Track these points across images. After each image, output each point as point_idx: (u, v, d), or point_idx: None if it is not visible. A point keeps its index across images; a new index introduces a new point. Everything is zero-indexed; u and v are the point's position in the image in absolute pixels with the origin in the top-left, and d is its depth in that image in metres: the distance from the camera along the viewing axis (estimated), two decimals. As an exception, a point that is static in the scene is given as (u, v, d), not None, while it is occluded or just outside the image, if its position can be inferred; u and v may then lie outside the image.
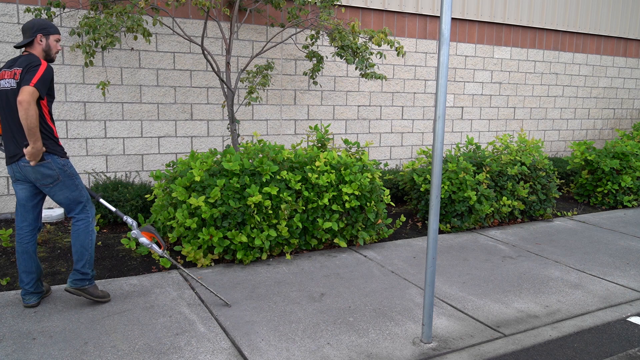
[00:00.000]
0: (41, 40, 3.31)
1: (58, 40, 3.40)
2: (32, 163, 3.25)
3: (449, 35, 2.90)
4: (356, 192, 4.71)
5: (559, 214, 6.65)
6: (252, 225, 4.39)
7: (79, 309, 3.49)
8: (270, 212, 4.42)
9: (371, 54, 5.55)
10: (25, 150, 3.21)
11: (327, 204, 4.68)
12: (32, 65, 3.18)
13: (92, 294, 3.53)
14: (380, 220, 5.07)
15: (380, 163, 7.33)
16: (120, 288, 3.86)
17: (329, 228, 4.81)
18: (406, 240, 5.30)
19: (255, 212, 4.31)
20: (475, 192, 5.58)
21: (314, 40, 5.84)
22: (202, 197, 4.17)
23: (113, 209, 3.73)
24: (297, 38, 6.58)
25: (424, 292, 3.20)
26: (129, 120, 5.89)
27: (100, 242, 4.87)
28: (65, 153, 3.45)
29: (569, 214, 6.69)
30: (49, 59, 3.38)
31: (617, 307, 3.87)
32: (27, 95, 3.05)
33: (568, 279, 4.38)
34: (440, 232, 5.68)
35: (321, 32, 5.86)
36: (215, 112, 6.35)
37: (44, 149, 3.27)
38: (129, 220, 3.71)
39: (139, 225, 3.98)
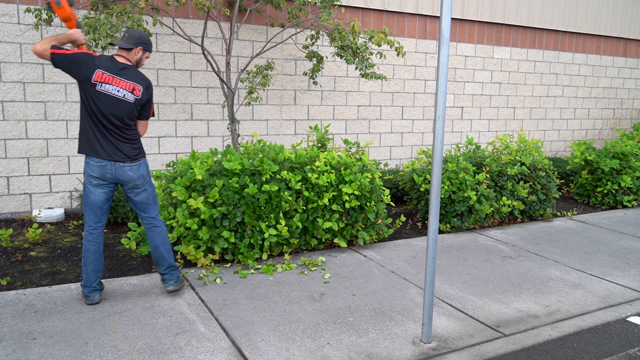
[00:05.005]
0: (138, 53, 3.52)
1: (147, 57, 3.63)
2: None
3: (448, 35, 2.90)
4: (356, 192, 4.71)
5: (558, 214, 6.65)
6: (252, 225, 4.39)
7: (79, 309, 3.49)
8: (270, 213, 4.42)
9: (371, 54, 5.55)
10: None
11: (327, 204, 4.68)
12: (150, 89, 3.54)
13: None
14: (380, 220, 5.07)
15: (380, 163, 7.34)
16: (120, 288, 3.86)
17: (329, 228, 4.81)
18: (406, 240, 5.30)
19: (254, 210, 4.31)
20: (475, 192, 5.58)
21: (314, 40, 5.84)
22: (202, 198, 4.16)
23: None
24: (297, 38, 6.58)
25: (424, 292, 3.20)
26: (129, 120, 5.89)
27: (100, 242, 4.87)
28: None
29: (568, 214, 6.69)
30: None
31: (617, 307, 3.87)
32: (147, 127, 3.69)
33: (568, 279, 4.38)
34: (440, 232, 5.68)
35: (321, 32, 5.86)
36: (215, 112, 6.35)
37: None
38: None
39: None
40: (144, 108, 3.54)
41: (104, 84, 3.35)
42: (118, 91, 3.39)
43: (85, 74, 3.33)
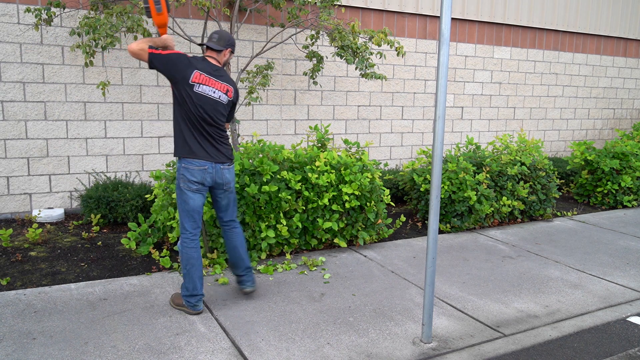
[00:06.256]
0: (227, 54, 3.56)
1: (231, 59, 3.69)
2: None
3: (449, 35, 2.90)
4: (356, 192, 4.71)
5: (558, 214, 6.65)
6: (252, 225, 4.39)
7: (79, 309, 3.49)
8: (270, 213, 4.42)
9: (371, 54, 5.55)
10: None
11: (327, 204, 4.68)
12: (237, 91, 3.60)
13: None
14: (380, 220, 5.07)
15: (380, 163, 7.33)
16: (120, 288, 3.86)
17: (329, 228, 4.81)
18: (406, 240, 5.30)
19: (254, 210, 4.31)
20: (475, 192, 5.58)
21: (314, 40, 5.84)
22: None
23: None
24: (297, 38, 6.58)
25: (424, 292, 3.20)
26: (129, 120, 5.89)
27: (100, 242, 4.87)
28: None
29: (568, 214, 6.69)
30: None
31: (617, 307, 3.87)
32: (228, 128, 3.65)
33: (568, 279, 4.38)
34: (440, 232, 5.68)
35: (321, 32, 5.86)
36: (215, 112, 6.35)
37: None
38: None
39: None
40: (231, 110, 3.59)
41: (201, 85, 3.35)
42: (214, 92, 3.40)
43: (183, 75, 3.32)
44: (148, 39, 3.35)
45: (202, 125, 3.38)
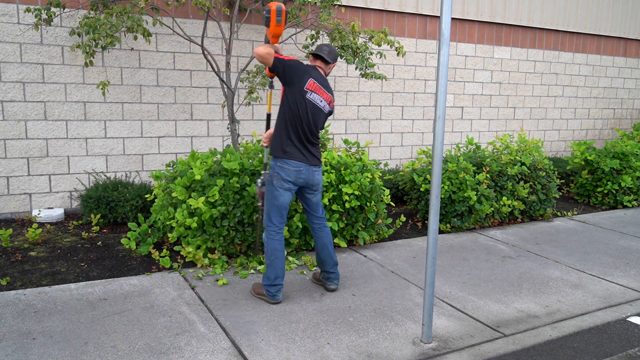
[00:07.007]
0: (332, 67, 3.81)
1: None
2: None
3: (449, 35, 2.90)
4: (356, 192, 4.71)
5: (559, 214, 6.65)
6: (251, 224, 4.39)
7: (79, 309, 3.49)
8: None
9: (371, 54, 5.54)
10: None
11: (327, 204, 4.68)
12: (334, 102, 3.72)
13: None
14: (380, 220, 5.07)
15: (380, 163, 7.33)
16: (120, 288, 3.86)
17: (329, 228, 4.80)
18: (406, 240, 5.30)
19: (254, 210, 4.30)
20: (475, 192, 5.58)
21: (314, 40, 5.84)
22: (202, 199, 4.16)
23: None
24: (297, 38, 6.58)
25: (424, 292, 3.20)
26: (129, 120, 5.89)
27: (100, 242, 4.87)
28: None
29: (569, 214, 6.69)
30: None
31: (617, 307, 3.87)
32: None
33: (568, 279, 4.38)
34: (440, 232, 5.68)
35: (321, 32, 5.85)
36: (215, 112, 6.35)
37: None
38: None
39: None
40: (326, 119, 3.77)
41: (313, 93, 3.58)
42: (321, 101, 3.62)
43: (300, 80, 3.53)
44: (269, 44, 3.55)
45: (304, 130, 3.57)
